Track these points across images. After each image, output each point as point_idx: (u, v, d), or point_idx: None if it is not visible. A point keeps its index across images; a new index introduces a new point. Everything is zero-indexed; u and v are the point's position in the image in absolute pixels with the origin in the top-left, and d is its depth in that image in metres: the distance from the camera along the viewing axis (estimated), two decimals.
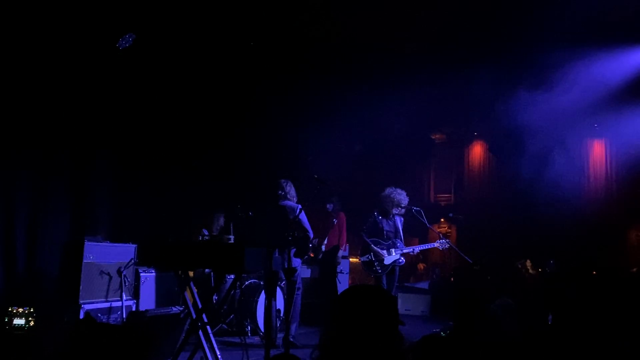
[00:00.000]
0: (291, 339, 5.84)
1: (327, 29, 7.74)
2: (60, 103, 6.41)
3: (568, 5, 6.40)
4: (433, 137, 12.05)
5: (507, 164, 10.56)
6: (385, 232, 6.61)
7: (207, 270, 6.55)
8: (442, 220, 11.93)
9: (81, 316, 5.30)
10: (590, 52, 7.71)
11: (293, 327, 6.02)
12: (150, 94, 7.42)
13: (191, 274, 5.59)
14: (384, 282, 6.52)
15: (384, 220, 6.65)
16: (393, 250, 6.55)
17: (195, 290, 5.03)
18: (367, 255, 6.55)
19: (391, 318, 1.95)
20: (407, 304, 9.31)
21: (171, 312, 4.92)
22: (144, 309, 6.00)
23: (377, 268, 6.48)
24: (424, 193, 12.25)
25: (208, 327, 4.65)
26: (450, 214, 10.25)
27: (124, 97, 7.11)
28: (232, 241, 4.61)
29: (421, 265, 11.09)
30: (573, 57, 7.74)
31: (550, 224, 9.39)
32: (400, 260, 6.58)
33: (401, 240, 6.66)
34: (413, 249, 6.70)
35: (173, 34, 6.95)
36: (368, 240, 6.56)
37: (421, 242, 7.46)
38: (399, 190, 6.69)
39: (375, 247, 6.51)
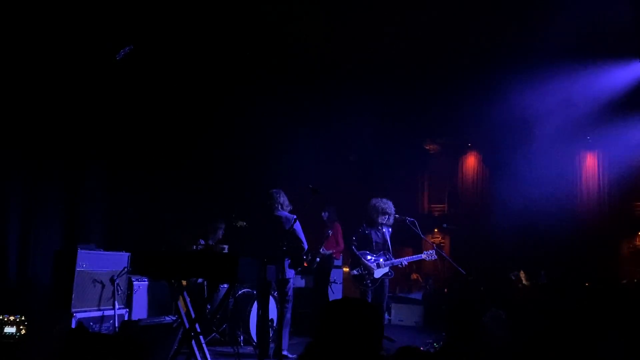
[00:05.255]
0: (284, 352, 5.82)
1: (321, 39, 7.77)
2: (53, 111, 6.41)
3: (562, 19, 6.47)
4: (427, 148, 12.10)
5: (500, 175, 10.62)
6: (374, 244, 6.51)
7: (199, 279, 6.53)
8: (435, 230, 11.97)
9: (73, 325, 5.26)
10: (584, 66, 7.80)
11: (284, 339, 5.99)
12: (144, 103, 7.43)
13: (184, 282, 5.57)
14: (370, 295, 6.45)
15: (373, 232, 6.54)
16: (383, 263, 6.48)
17: (188, 299, 5.02)
18: (357, 269, 6.44)
19: (374, 331, 1.98)
20: (400, 315, 9.31)
21: (164, 322, 4.90)
22: (136, 318, 5.97)
23: (368, 282, 6.38)
24: (418, 203, 12.28)
25: (201, 336, 4.64)
26: (444, 225, 10.25)
27: (117, 105, 7.12)
28: (226, 251, 4.62)
29: (415, 275, 11.10)
30: (567, 70, 7.83)
31: (544, 236, 9.44)
32: (390, 273, 6.51)
33: (389, 251, 6.60)
34: (401, 262, 6.56)
35: (168, 42, 6.97)
36: (358, 253, 6.45)
37: (415, 252, 7.42)
38: (384, 200, 6.60)
39: (365, 261, 6.41)
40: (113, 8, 6.14)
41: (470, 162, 11.78)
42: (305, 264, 8.04)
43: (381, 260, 6.46)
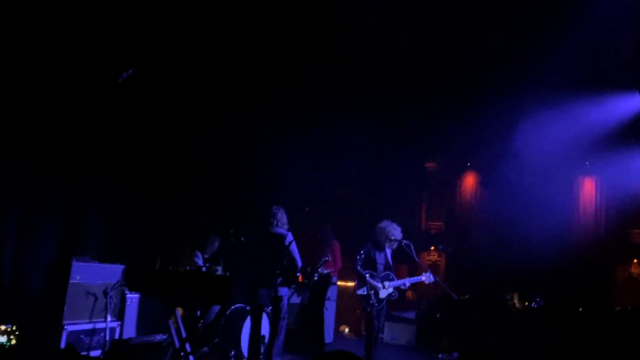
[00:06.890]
0: None
1: (323, 56, 7.78)
2: (53, 122, 6.39)
3: (563, 49, 6.52)
4: (427, 166, 12.12)
5: (498, 197, 10.62)
6: (378, 265, 6.50)
7: None
8: (432, 248, 11.96)
9: (63, 337, 5.25)
10: (584, 95, 7.84)
11: (275, 356, 5.98)
12: (144, 117, 7.41)
13: None
14: (374, 315, 6.43)
15: (377, 252, 6.53)
16: (387, 283, 6.46)
17: (179, 315, 5.01)
18: (363, 289, 6.40)
19: None
20: (392, 333, 9.29)
21: (154, 340, 4.90)
22: (128, 331, 5.95)
23: (374, 301, 6.38)
24: (416, 220, 12.26)
25: (190, 356, 4.64)
26: (440, 246, 10.26)
27: (116, 118, 7.10)
28: (219, 272, 4.63)
29: (410, 293, 11.07)
30: (568, 97, 7.87)
31: (539, 259, 9.43)
32: (394, 294, 6.51)
33: (392, 272, 6.59)
34: (404, 283, 6.58)
35: (167, 59, 6.99)
36: (363, 272, 6.42)
37: (410, 271, 7.42)
38: (394, 225, 6.59)
39: (371, 280, 6.39)
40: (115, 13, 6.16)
41: (469, 182, 11.78)
42: (300, 279, 8.04)
43: (386, 281, 6.48)
